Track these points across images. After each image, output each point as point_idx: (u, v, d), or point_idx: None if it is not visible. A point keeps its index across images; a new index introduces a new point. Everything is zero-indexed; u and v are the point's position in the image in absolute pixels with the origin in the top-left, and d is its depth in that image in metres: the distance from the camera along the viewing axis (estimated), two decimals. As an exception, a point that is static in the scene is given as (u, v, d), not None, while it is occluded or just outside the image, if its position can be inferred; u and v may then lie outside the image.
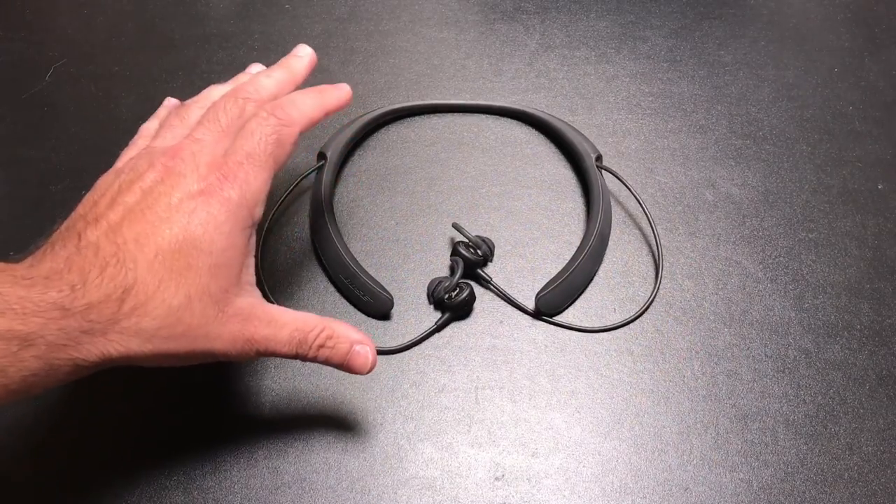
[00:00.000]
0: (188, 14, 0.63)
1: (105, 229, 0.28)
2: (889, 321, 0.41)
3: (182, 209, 0.28)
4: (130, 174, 0.30)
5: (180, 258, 0.28)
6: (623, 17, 0.63)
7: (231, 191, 0.29)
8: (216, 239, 0.29)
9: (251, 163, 0.31)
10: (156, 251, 0.27)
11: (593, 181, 0.46)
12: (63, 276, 0.26)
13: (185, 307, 0.27)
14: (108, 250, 0.27)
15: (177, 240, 0.28)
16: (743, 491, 0.35)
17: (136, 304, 0.27)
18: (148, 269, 0.27)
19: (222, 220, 0.29)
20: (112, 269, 0.27)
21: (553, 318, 0.41)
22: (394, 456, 0.36)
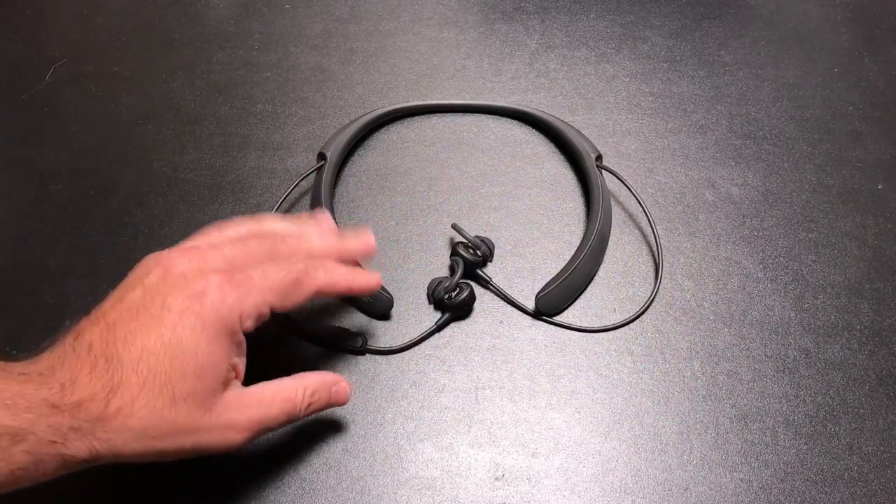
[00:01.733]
0: (188, 14, 0.63)
1: (102, 328, 0.28)
2: (889, 321, 0.41)
3: (174, 309, 0.29)
4: (140, 270, 0.31)
5: (165, 359, 0.28)
6: (623, 17, 0.63)
7: (227, 296, 0.29)
8: (202, 342, 0.28)
9: (262, 282, 0.31)
10: (141, 351, 0.28)
11: (593, 181, 0.46)
12: (56, 373, 0.27)
13: (168, 407, 0.28)
14: (99, 349, 0.28)
15: (163, 342, 0.28)
16: (743, 491, 0.35)
17: (121, 404, 0.27)
18: (133, 369, 0.27)
19: (210, 322, 0.29)
20: (100, 368, 0.27)
21: (553, 319, 0.41)
22: (394, 456, 0.36)
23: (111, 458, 0.27)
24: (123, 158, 0.50)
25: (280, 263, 0.32)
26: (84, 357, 0.27)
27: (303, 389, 0.32)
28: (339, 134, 0.49)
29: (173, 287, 0.29)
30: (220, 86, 0.56)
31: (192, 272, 0.30)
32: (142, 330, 0.28)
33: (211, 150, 0.51)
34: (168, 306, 0.29)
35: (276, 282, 0.31)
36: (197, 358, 0.28)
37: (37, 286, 0.43)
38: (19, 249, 0.45)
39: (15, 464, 0.25)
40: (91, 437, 0.26)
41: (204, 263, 0.30)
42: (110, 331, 0.28)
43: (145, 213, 0.47)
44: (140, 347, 0.28)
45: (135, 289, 0.30)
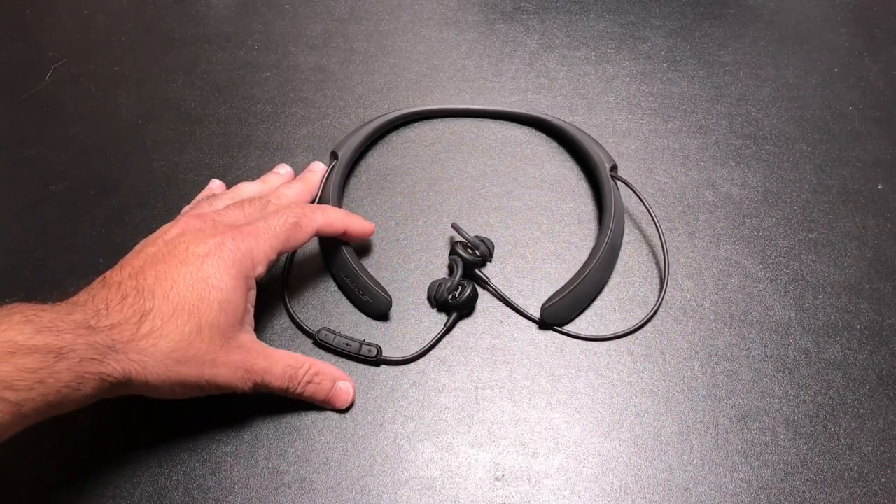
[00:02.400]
0: (188, 14, 0.63)
1: (129, 272, 0.32)
2: (889, 321, 0.41)
3: (198, 253, 0.33)
4: (157, 233, 0.36)
5: (193, 291, 0.32)
6: (623, 17, 0.63)
7: (241, 244, 0.34)
8: (225, 278, 0.32)
9: (266, 231, 0.35)
10: (172, 284, 0.31)
11: (607, 191, 0.45)
12: (88, 303, 0.30)
13: (195, 333, 0.31)
14: (129, 285, 0.31)
15: (192, 276, 0.32)
16: (743, 491, 0.35)
17: (152, 327, 0.30)
18: (164, 299, 0.31)
19: (230, 264, 0.33)
20: (131, 299, 0.30)
21: (519, 307, 0.41)
22: (394, 456, 0.36)
23: (140, 381, 0.30)
24: (123, 158, 0.50)
25: (279, 211, 0.37)
26: (115, 291, 0.31)
27: (308, 366, 0.36)
28: (353, 135, 0.49)
29: (193, 238, 0.34)
30: (220, 86, 0.56)
31: (208, 228, 0.35)
32: (170, 269, 0.32)
33: (211, 150, 0.51)
34: (192, 251, 0.33)
35: (279, 227, 0.36)
36: (221, 292, 0.32)
37: (37, 286, 0.43)
38: (19, 249, 0.45)
39: (61, 381, 0.27)
40: (125, 357, 0.29)
41: (215, 223, 0.35)
42: (139, 272, 0.32)
43: (145, 213, 0.47)
44: (171, 280, 0.31)
45: (156, 244, 0.34)
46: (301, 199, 0.42)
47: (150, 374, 0.30)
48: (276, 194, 0.41)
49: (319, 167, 0.46)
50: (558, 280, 0.42)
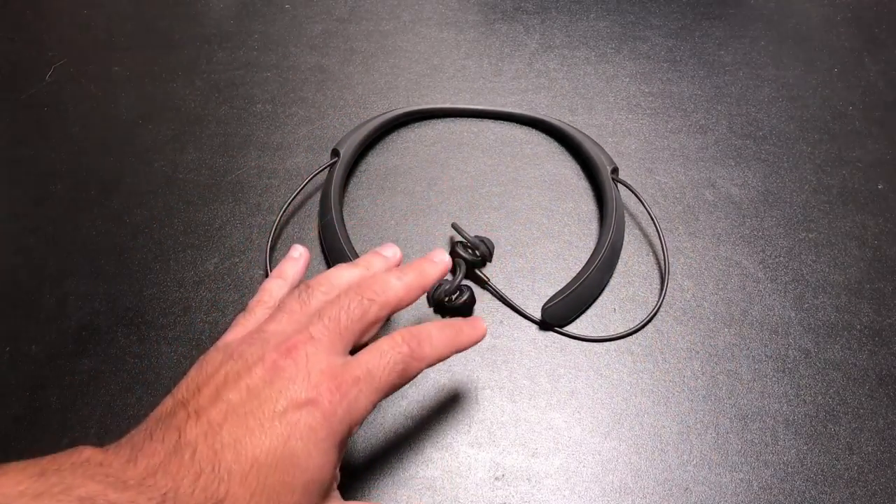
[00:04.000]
0: (188, 14, 0.63)
1: (205, 428, 0.27)
2: (889, 321, 0.41)
3: (285, 420, 0.27)
4: (238, 364, 0.29)
5: (276, 473, 0.27)
6: (623, 17, 0.63)
7: (338, 407, 0.28)
8: (314, 456, 0.28)
9: (368, 383, 0.29)
10: (252, 463, 0.26)
11: (608, 194, 0.45)
12: (157, 480, 0.25)
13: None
14: (205, 455, 0.26)
15: (275, 454, 0.27)
16: (743, 491, 0.35)
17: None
18: (241, 482, 0.26)
19: (323, 436, 0.28)
20: (205, 478, 0.26)
21: (519, 307, 0.41)
22: (394, 456, 0.36)
23: None
24: (123, 158, 0.50)
25: (383, 351, 0.31)
26: (188, 463, 0.26)
27: None
28: (354, 133, 0.49)
29: (281, 393, 0.28)
30: (220, 86, 0.56)
31: (300, 377, 0.28)
32: (251, 439, 0.27)
33: (211, 150, 0.51)
34: (278, 415, 0.27)
35: (384, 379, 0.30)
36: (307, 473, 0.27)
37: (37, 286, 0.43)
38: (19, 249, 0.45)
39: None
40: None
41: (309, 364, 0.29)
42: (215, 434, 0.27)
43: (145, 212, 0.47)
44: (251, 459, 0.26)
45: (236, 388, 0.28)
46: (410, 297, 0.34)
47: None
48: (380, 285, 0.33)
49: (442, 258, 0.36)
50: (558, 280, 0.42)
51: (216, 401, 0.28)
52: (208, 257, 0.44)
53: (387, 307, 0.32)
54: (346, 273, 0.34)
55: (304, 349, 0.29)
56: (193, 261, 0.44)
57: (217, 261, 0.44)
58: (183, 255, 0.44)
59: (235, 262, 0.44)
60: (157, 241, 0.45)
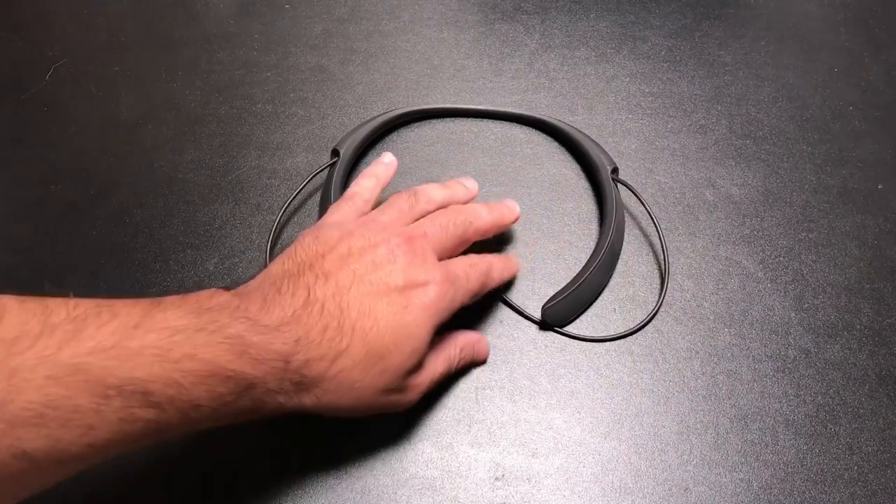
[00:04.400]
0: (188, 14, 0.63)
1: (333, 290, 0.31)
2: (889, 321, 0.41)
3: (405, 294, 0.31)
4: (362, 241, 0.33)
5: (391, 336, 0.31)
6: (623, 17, 0.63)
7: (447, 293, 0.33)
8: (423, 328, 0.32)
9: (464, 283, 0.34)
10: (373, 324, 0.30)
11: (608, 194, 0.45)
12: (291, 328, 0.29)
13: (379, 375, 0.30)
14: (333, 312, 0.30)
15: (394, 320, 0.31)
16: (743, 491, 0.35)
17: (342, 367, 0.29)
18: (361, 339, 0.30)
19: (432, 313, 0.32)
20: (331, 332, 0.29)
21: (529, 314, 0.41)
22: (394, 456, 0.36)
23: (312, 409, 0.30)
24: (123, 158, 0.50)
25: (476, 265, 0.36)
26: (316, 316, 0.29)
27: (455, 347, 0.36)
28: (355, 132, 0.49)
29: (403, 272, 0.32)
30: (220, 86, 0.56)
31: (419, 262, 0.33)
32: (374, 303, 0.31)
33: (211, 150, 0.51)
34: (400, 290, 0.31)
35: (476, 281, 0.35)
36: (416, 341, 0.31)
37: (37, 286, 0.43)
38: (19, 249, 0.45)
39: (243, 407, 0.27)
40: (306, 392, 0.29)
41: (425, 252, 0.34)
42: (343, 295, 0.30)
43: (145, 213, 0.47)
44: (373, 319, 0.30)
45: (363, 260, 0.32)
46: (492, 230, 0.40)
47: (323, 405, 0.30)
48: (473, 212, 0.38)
49: (516, 206, 0.42)
50: (558, 280, 0.42)
51: (343, 267, 0.32)
52: (208, 257, 0.44)
53: (478, 233, 0.38)
54: (439, 192, 0.40)
55: (420, 241, 0.34)
56: (193, 261, 0.44)
57: (217, 261, 0.44)
58: (183, 255, 0.44)
59: (235, 262, 0.44)
60: (157, 241, 0.45)
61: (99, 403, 0.23)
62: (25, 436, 0.22)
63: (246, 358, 0.27)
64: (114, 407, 0.24)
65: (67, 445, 0.23)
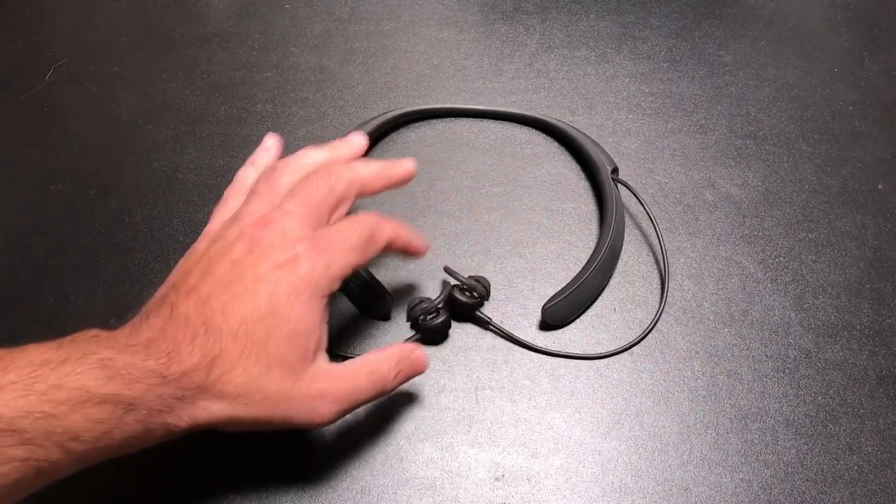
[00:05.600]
0: (188, 14, 0.63)
1: (195, 301, 0.29)
2: (889, 321, 0.41)
3: (268, 279, 0.30)
4: (221, 243, 0.32)
5: (261, 328, 0.29)
6: (623, 17, 0.63)
7: (317, 261, 0.30)
8: (296, 307, 0.30)
9: (342, 244, 0.32)
10: (240, 321, 0.29)
11: (608, 194, 0.45)
12: (160, 344, 0.28)
13: (263, 374, 0.29)
14: (198, 321, 0.29)
15: (260, 310, 0.29)
16: (743, 491, 0.35)
17: (221, 372, 0.28)
18: (232, 338, 0.29)
19: (303, 289, 0.30)
20: (201, 339, 0.28)
21: (557, 350, 0.40)
22: (394, 456, 0.36)
23: (207, 426, 0.29)
24: (123, 158, 0.50)
25: (351, 222, 0.33)
26: (182, 328, 0.28)
27: (387, 361, 0.33)
28: None
29: (262, 259, 0.30)
30: (220, 86, 0.56)
31: (277, 243, 0.31)
32: (237, 301, 0.29)
33: (211, 150, 0.51)
34: (261, 277, 0.30)
35: (354, 241, 0.32)
36: (290, 324, 0.29)
37: (37, 286, 0.43)
38: (19, 249, 0.45)
39: (128, 432, 0.26)
40: (192, 405, 0.28)
41: (285, 232, 0.31)
42: (205, 303, 0.29)
43: (145, 213, 0.47)
44: (239, 317, 0.29)
45: (221, 262, 0.31)
46: (377, 180, 0.36)
47: (216, 419, 0.29)
48: (348, 168, 0.35)
49: (410, 164, 0.38)
50: (558, 280, 0.42)
51: (204, 277, 0.30)
52: (208, 257, 0.44)
53: (354, 186, 0.34)
54: (312, 154, 0.36)
55: (279, 222, 0.31)
56: (193, 261, 0.44)
57: (217, 261, 0.44)
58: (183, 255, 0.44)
59: (235, 262, 0.44)
60: (157, 241, 0.45)
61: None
62: None
63: (118, 380, 0.26)
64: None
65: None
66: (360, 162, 0.36)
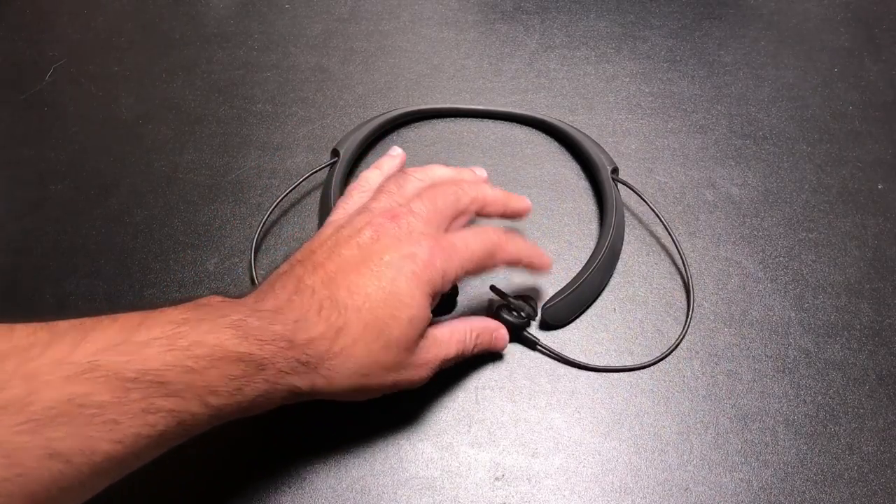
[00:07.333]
0: (188, 14, 0.63)
1: (322, 276, 0.31)
2: (889, 321, 0.41)
3: (392, 265, 0.32)
4: (349, 229, 0.34)
5: (385, 308, 0.31)
6: (623, 17, 0.63)
7: (437, 259, 0.32)
8: (416, 295, 0.32)
9: (462, 250, 0.34)
10: (364, 299, 0.31)
11: (608, 194, 0.45)
12: (287, 312, 0.30)
13: (383, 350, 0.31)
14: (324, 294, 0.31)
15: (384, 291, 0.31)
16: (743, 491, 0.35)
17: (345, 344, 0.30)
18: (356, 314, 0.30)
19: (424, 280, 0.32)
20: (326, 311, 0.30)
21: (569, 357, 0.40)
22: (394, 456, 0.36)
23: (324, 392, 0.31)
24: (123, 158, 0.50)
25: (478, 233, 0.35)
26: (309, 298, 0.30)
27: (471, 331, 0.36)
28: (355, 132, 0.49)
29: (388, 248, 0.32)
30: (220, 86, 0.56)
31: (404, 235, 0.33)
32: (363, 281, 0.31)
33: (211, 150, 0.51)
34: (387, 263, 0.32)
35: (475, 251, 0.34)
36: (411, 309, 0.31)
37: (37, 286, 0.43)
38: (19, 249, 0.45)
39: (258, 390, 0.28)
40: (315, 372, 0.30)
41: (410, 226, 0.33)
42: (332, 280, 0.31)
43: (145, 212, 0.47)
44: (364, 295, 0.31)
45: (348, 245, 0.33)
46: (496, 206, 0.38)
47: (336, 386, 0.30)
48: (474, 185, 0.38)
49: (527, 203, 0.40)
50: (558, 280, 0.42)
51: (331, 256, 0.32)
52: (208, 257, 0.44)
53: (476, 203, 0.37)
54: (440, 169, 0.39)
55: (406, 218, 0.34)
56: (193, 261, 0.44)
57: (217, 261, 0.44)
58: (183, 255, 0.44)
59: (235, 262, 0.44)
60: (157, 241, 0.45)
61: (119, 397, 0.24)
62: (54, 434, 0.23)
63: (251, 340, 0.27)
64: (134, 399, 0.24)
65: (97, 442, 0.24)
66: (485, 184, 0.39)
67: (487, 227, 0.36)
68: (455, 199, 0.36)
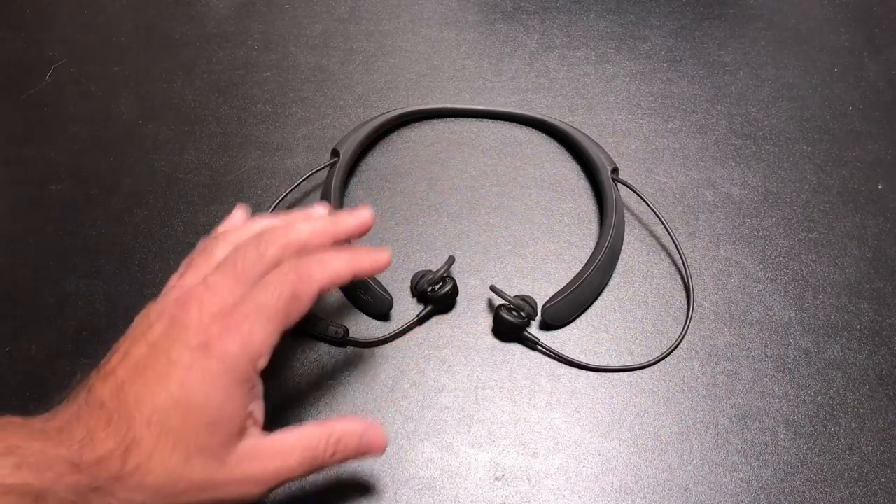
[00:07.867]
0: (188, 14, 0.63)
1: (112, 386, 0.28)
2: (889, 321, 0.41)
3: (179, 365, 0.28)
4: (144, 323, 0.30)
5: (175, 416, 0.27)
6: (623, 17, 0.63)
7: (231, 343, 0.28)
8: (212, 395, 0.28)
9: (259, 315, 0.29)
10: (152, 410, 0.27)
11: (608, 193, 0.45)
12: (73, 429, 0.26)
13: (183, 464, 0.27)
14: (112, 406, 0.27)
15: (172, 398, 0.27)
16: (743, 491, 0.35)
17: (138, 461, 0.26)
18: (146, 427, 0.27)
19: (218, 374, 0.28)
20: (115, 426, 0.27)
21: (569, 357, 0.40)
22: (394, 456, 0.36)
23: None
24: (123, 158, 0.50)
25: (268, 282, 0.30)
26: (97, 413, 0.27)
27: (326, 437, 0.31)
28: (354, 133, 0.49)
29: (176, 341, 0.28)
30: (220, 86, 0.56)
31: (193, 323, 0.29)
32: (150, 388, 0.28)
33: (211, 150, 0.51)
34: (173, 362, 0.28)
35: (272, 306, 0.29)
36: (209, 411, 0.28)
37: (37, 286, 0.43)
38: (19, 249, 0.45)
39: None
40: (110, 496, 0.26)
41: (202, 311, 0.29)
42: (120, 389, 0.28)
43: (145, 212, 0.47)
44: (150, 406, 0.27)
45: (139, 345, 0.29)
46: (317, 240, 0.33)
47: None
48: (284, 230, 0.32)
49: (365, 214, 0.35)
50: (558, 280, 0.42)
51: (122, 360, 0.29)
52: (208, 257, 0.44)
53: (288, 248, 0.32)
54: (258, 223, 0.34)
55: (198, 298, 0.30)
56: (193, 261, 0.44)
57: (217, 261, 0.44)
58: (183, 255, 0.44)
59: (235, 262, 0.44)
60: (157, 241, 0.45)
61: None
62: None
63: (26, 468, 0.24)
64: None
65: None
66: (300, 223, 0.33)
67: (278, 271, 0.30)
68: (257, 255, 0.31)
